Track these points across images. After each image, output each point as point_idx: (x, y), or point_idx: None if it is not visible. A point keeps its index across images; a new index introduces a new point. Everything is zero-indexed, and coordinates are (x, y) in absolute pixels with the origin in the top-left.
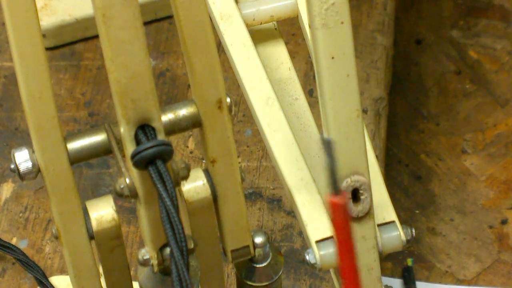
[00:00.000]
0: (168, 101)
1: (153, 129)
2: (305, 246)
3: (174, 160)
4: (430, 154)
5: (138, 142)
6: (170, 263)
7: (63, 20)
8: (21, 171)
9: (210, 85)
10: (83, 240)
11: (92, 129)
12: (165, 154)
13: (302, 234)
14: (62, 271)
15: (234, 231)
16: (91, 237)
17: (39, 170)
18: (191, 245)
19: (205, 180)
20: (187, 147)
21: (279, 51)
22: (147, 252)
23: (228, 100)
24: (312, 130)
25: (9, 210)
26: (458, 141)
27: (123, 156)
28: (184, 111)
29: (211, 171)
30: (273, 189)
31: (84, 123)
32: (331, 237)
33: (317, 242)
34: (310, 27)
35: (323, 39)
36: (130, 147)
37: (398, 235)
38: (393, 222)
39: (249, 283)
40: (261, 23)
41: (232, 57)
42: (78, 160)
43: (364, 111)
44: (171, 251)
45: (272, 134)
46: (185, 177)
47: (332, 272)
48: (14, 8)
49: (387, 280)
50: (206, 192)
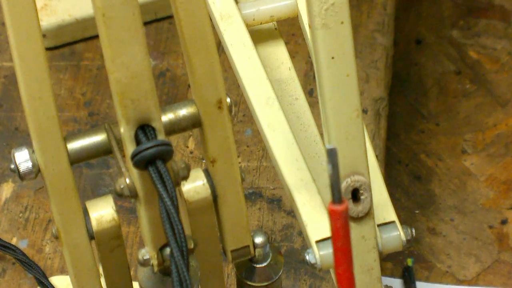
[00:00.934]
0: (168, 101)
1: (153, 129)
2: (305, 246)
3: (174, 160)
4: (430, 154)
5: (138, 142)
6: (170, 263)
7: (63, 20)
8: (21, 171)
9: (210, 85)
10: (83, 240)
11: (92, 129)
12: (165, 154)
13: (302, 234)
14: (62, 271)
15: (234, 231)
16: (91, 237)
17: (39, 170)
18: (191, 245)
19: (205, 180)
20: (187, 147)
21: (279, 51)
22: (147, 252)
23: (228, 100)
24: (312, 130)
25: (9, 210)
26: (458, 141)
27: (123, 156)
28: (184, 111)
29: (211, 171)
30: (273, 189)
31: (84, 123)
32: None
33: (317, 242)
34: (310, 27)
35: (323, 39)
36: (130, 147)
37: (398, 235)
38: (393, 222)
39: (249, 283)
40: (261, 23)
41: (232, 57)
42: (78, 160)
43: (364, 111)
44: (171, 251)
45: (272, 134)
46: (185, 177)
47: (332, 272)
48: (14, 8)
49: (387, 280)
50: (206, 192)
